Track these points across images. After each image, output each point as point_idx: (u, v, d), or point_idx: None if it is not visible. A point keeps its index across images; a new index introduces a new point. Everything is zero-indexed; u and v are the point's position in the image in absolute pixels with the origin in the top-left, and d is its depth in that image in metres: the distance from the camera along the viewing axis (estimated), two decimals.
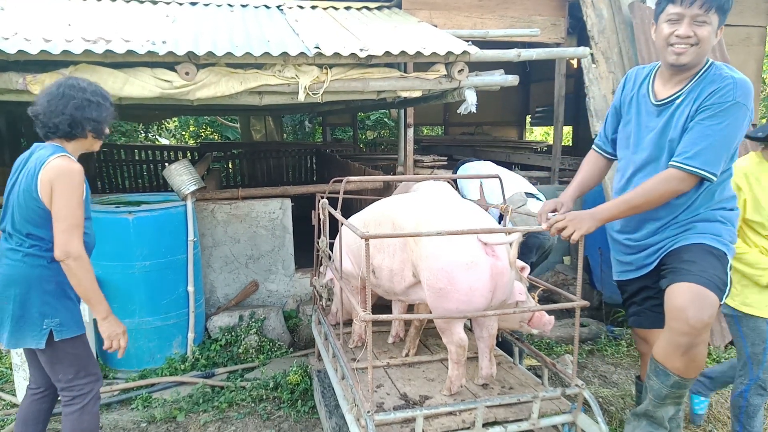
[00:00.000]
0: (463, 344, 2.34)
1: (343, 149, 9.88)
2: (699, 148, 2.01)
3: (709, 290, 1.98)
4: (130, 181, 9.44)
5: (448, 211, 2.32)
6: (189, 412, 3.21)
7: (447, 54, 3.42)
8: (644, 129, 2.26)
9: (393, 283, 2.49)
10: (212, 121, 13.30)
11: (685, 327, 1.96)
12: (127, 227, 3.53)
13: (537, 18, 5.26)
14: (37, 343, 2.21)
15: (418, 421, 2.08)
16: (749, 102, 2.03)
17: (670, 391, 2.08)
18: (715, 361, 3.81)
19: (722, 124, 2.00)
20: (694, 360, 2.00)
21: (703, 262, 2.06)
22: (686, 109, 2.11)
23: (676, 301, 2.00)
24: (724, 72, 2.07)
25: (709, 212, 2.18)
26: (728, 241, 2.16)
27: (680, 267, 2.09)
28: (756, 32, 6.18)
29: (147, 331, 3.64)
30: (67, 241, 2.12)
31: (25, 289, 2.20)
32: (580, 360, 3.91)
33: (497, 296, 2.22)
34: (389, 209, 2.55)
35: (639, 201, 2.08)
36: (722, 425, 3.06)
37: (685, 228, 2.20)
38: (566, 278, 4.88)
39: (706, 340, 2.01)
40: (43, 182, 2.14)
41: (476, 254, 2.14)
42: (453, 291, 2.14)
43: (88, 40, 3.07)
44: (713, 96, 2.03)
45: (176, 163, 3.84)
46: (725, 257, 2.12)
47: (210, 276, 4.35)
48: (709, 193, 2.17)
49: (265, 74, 3.26)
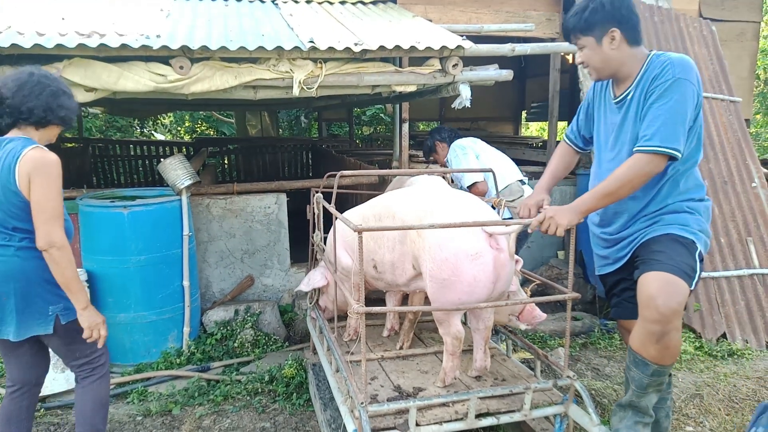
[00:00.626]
0: (460, 336, 2.35)
1: (339, 144, 9.87)
2: (654, 128, 2.07)
3: (678, 277, 2.05)
4: (126, 177, 9.43)
5: (451, 203, 2.32)
6: (184, 406, 3.22)
7: (441, 48, 3.43)
8: (610, 126, 2.35)
9: (395, 275, 2.50)
10: (208, 116, 13.28)
11: (655, 314, 2.02)
12: (122, 222, 3.54)
13: (532, 13, 5.27)
14: (45, 329, 2.25)
15: (411, 413, 2.10)
16: (691, 77, 2.09)
17: (650, 379, 2.14)
18: (707, 354, 3.85)
19: (670, 101, 2.07)
20: (668, 347, 2.06)
21: (670, 251, 2.13)
22: (636, 102, 2.20)
23: (646, 290, 2.07)
24: (662, 57, 2.16)
25: (676, 204, 2.24)
26: (696, 229, 2.22)
27: (650, 258, 2.16)
28: (750, 27, 6.21)
29: (142, 325, 3.64)
30: (49, 231, 2.12)
31: (24, 282, 2.21)
32: (573, 353, 3.94)
33: (498, 288, 2.24)
34: (390, 203, 2.55)
35: (613, 187, 2.11)
36: (713, 416, 3.10)
37: (654, 220, 2.26)
38: (560, 272, 4.90)
39: (678, 327, 2.07)
40: (22, 175, 2.12)
41: (481, 246, 2.14)
42: (457, 282, 2.14)
43: (82, 34, 3.07)
44: (655, 81, 2.12)
45: (171, 157, 3.84)
46: (693, 245, 2.17)
47: (206, 271, 4.36)
48: (673, 182, 2.23)
49: (259, 68, 3.27)
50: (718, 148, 4.83)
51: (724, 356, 3.83)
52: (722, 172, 4.74)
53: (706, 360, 3.79)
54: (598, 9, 2.15)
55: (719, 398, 3.30)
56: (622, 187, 2.10)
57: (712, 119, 4.94)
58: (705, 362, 3.76)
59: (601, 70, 2.25)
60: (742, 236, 4.52)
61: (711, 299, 4.21)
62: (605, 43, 2.18)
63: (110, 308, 3.57)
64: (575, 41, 2.27)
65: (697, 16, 5.79)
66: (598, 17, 2.16)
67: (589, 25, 2.18)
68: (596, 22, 2.16)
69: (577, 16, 2.20)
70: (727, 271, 4.34)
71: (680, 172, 2.21)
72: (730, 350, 3.89)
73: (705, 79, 5.09)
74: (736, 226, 4.55)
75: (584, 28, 2.20)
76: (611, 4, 2.14)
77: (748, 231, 4.55)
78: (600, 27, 2.17)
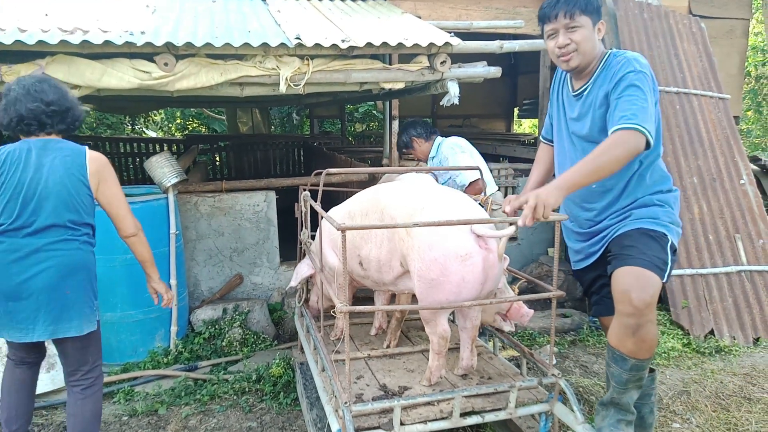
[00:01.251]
0: (446, 335, 2.34)
1: (331, 141, 9.83)
2: (632, 110, 2.06)
3: (650, 271, 2.08)
4: (116, 174, 9.35)
5: (442, 201, 2.29)
6: (171, 405, 3.20)
7: (429, 45, 3.41)
8: (568, 119, 2.39)
9: (381, 273, 2.47)
10: (199, 113, 13.19)
11: (629, 308, 2.05)
12: (108, 220, 3.49)
13: (521, 9, 5.26)
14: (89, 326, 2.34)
15: (395, 412, 2.09)
16: (649, 71, 2.15)
17: (629, 375, 2.15)
18: (695, 351, 3.86)
19: (638, 91, 2.09)
20: (644, 340, 2.09)
21: (641, 245, 2.16)
22: (593, 97, 2.24)
23: (620, 284, 2.10)
24: (620, 56, 2.21)
25: (646, 197, 2.27)
26: (667, 222, 2.24)
27: (621, 253, 2.19)
28: (739, 24, 6.22)
29: (129, 324, 3.62)
30: (134, 219, 2.48)
31: (86, 275, 2.34)
32: (562, 350, 3.94)
33: (486, 288, 2.23)
34: (378, 199, 2.49)
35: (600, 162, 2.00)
36: (700, 413, 3.11)
37: (625, 215, 2.28)
38: (550, 269, 4.90)
39: (652, 319, 2.10)
40: (92, 172, 2.33)
41: (471, 246, 2.13)
42: (446, 282, 2.13)
43: (64, 30, 3.03)
44: (617, 76, 2.15)
45: (157, 155, 3.81)
46: (665, 237, 2.20)
47: (194, 269, 4.33)
48: (640, 176, 2.26)
49: (245, 65, 3.24)
50: (707, 145, 4.84)
51: (711, 353, 3.85)
52: (711, 169, 4.75)
53: (694, 357, 3.81)
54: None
55: (706, 395, 3.31)
56: (609, 162, 2.01)
57: (701, 116, 4.95)
58: (693, 359, 3.78)
59: (586, 55, 2.22)
60: (731, 233, 4.54)
61: (699, 296, 4.22)
62: (596, 31, 2.23)
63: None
64: (567, 19, 2.18)
65: (687, 13, 5.80)
66: (596, 3, 2.20)
67: (592, 8, 2.18)
68: (596, 7, 2.20)
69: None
70: (716, 268, 4.36)
71: (645, 165, 2.25)
72: (718, 347, 3.91)
73: (694, 76, 5.11)
74: (724, 223, 4.57)
75: (585, 8, 2.17)
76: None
77: (736, 228, 4.57)
78: (596, 14, 2.21)
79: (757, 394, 3.32)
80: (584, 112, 2.29)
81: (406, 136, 4.05)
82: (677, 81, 5.00)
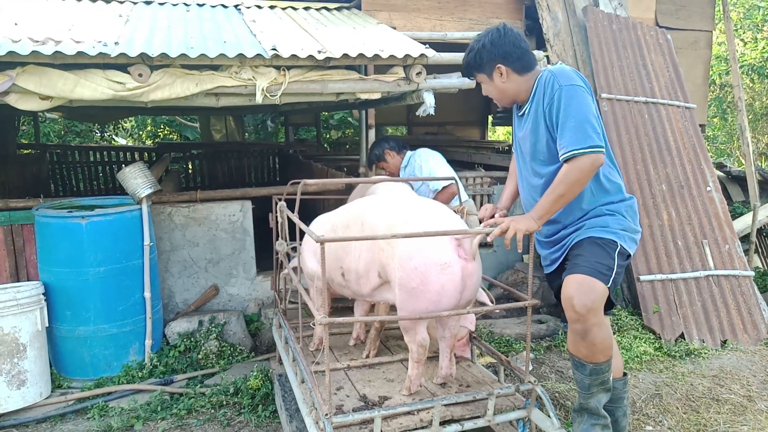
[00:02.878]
0: (425, 344, 2.37)
1: (307, 149, 9.80)
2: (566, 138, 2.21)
3: (592, 277, 2.21)
4: (85, 184, 9.17)
5: (422, 214, 2.35)
6: (147, 420, 3.15)
7: (405, 57, 3.45)
8: (517, 138, 2.56)
9: (360, 285, 2.51)
10: (171, 120, 13.02)
11: (573, 314, 2.20)
12: (80, 232, 3.44)
13: (495, 20, 5.35)
14: None
15: (376, 422, 2.10)
16: (573, 80, 2.26)
17: (590, 379, 2.28)
18: (666, 354, 3.96)
19: (568, 108, 2.22)
20: (594, 344, 2.22)
21: (587, 253, 2.29)
22: (533, 117, 2.38)
23: (564, 292, 2.24)
24: (545, 73, 2.34)
25: (596, 209, 2.40)
26: (618, 229, 2.36)
27: (571, 262, 2.34)
28: (703, 36, 6.43)
29: (102, 338, 3.55)
30: None
31: None
32: (538, 356, 4.00)
33: (465, 297, 2.27)
34: (359, 211, 2.56)
35: (562, 189, 2.22)
36: (671, 415, 3.19)
37: (578, 226, 2.42)
38: (525, 276, 4.97)
39: (598, 323, 2.21)
40: None
41: (450, 256, 2.19)
42: (425, 291, 2.18)
43: (36, 41, 2.98)
44: (545, 96, 2.29)
45: (131, 165, 3.75)
46: (613, 244, 2.32)
47: (168, 281, 4.27)
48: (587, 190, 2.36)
49: (221, 76, 3.23)
50: (674, 153, 4.98)
51: (682, 356, 3.95)
52: (679, 177, 4.89)
53: (665, 360, 3.90)
54: (482, 49, 2.35)
55: (677, 397, 3.40)
56: (571, 188, 2.22)
57: (669, 125, 5.10)
58: (664, 362, 3.87)
59: (501, 100, 2.47)
60: (698, 239, 4.68)
61: (669, 301, 4.33)
62: (495, 77, 2.39)
63: (68, 321, 3.48)
64: (473, 78, 2.50)
65: (654, 24, 5.97)
66: (483, 56, 2.36)
67: (479, 64, 2.39)
68: (483, 60, 2.37)
69: (468, 56, 2.42)
70: (685, 273, 4.48)
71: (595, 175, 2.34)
72: (688, 350, 4.01)
73: (662, 85, 5.25)
74: (692, 229, 4.70)
75: (475, 67, 2.41)
76: (491, 44, 2.34)
77: (704, 234, 4.71)
78: (487, 65, 2.37)
79: (725, 395, 3.43)
80: (528, 130, 2.42)
81: (379, 150, 4.08)
82: (645, 91, 5.14)
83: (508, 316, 4.65)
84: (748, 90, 11.02)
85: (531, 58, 2.39)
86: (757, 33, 11.15)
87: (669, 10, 6.16)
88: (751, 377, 3.67)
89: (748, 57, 10.92)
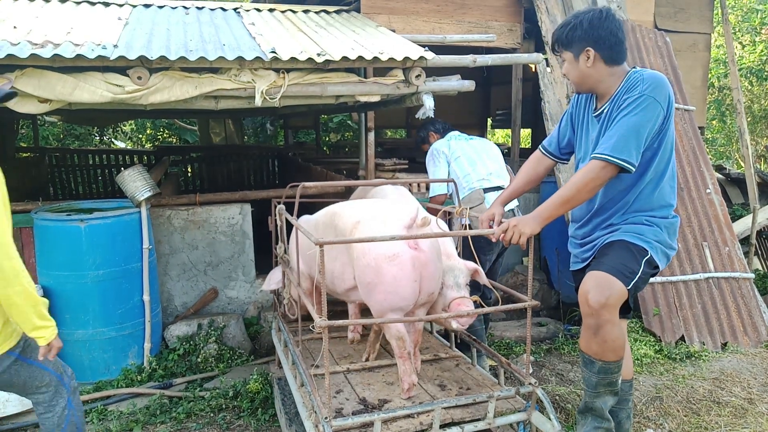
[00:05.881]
0: (401, 335, 2.37)
1: (306, 152, 9.79)
2: (612, 140, 2.17)
3: (612, 276, 2.19)
4: (84, 187, 9.15)
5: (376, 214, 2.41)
6: (146, 424, 3.14)
7: (404, 59, 3.45)
8: (589, 139, 2.44)
9: (335, 285, 2.60)
10: (170, 123, 13.00)
11: (586, 308, 2.19)
12: (79, 235, 3.44)
13: (494, 23, 5.35)
14: None
15: (375, 426, 2.09)
16: (657, 94, 2.18)
17: (598, 378, 2.27)
18: (667, 357, 3.95)
19: (629, 116, 2.17)
20: (605, 341, 2.20)
21: (615, 254, 2.27)
22: (609, 117, 2.30)
23: (583, 287, 2.23)
24: (636, 74, 2.26)
25: (637, 217, 2.36)
26: (652, 239, 2.32)
27: (597, 260, 2.33)
28: (702, 39, 6.44)
29: (101, 342, 3.54)
30: None
31: None
32: (538, 359, 3.99)
33: (425, 287, 2.32)
34: (332, 214, 2.65)
35: (570, 193, 2.20)
36: (672, 418, 3.18)
37: (614, 229, 2.38)
38: (525, 279, 4.96)
39: (611, 320, 2.19)
40: None
41: (398, 247, 2.26)
42: (379, 283, 2.27)
43: (35, 44, 2.98)
44: (625, 95, 2.23)
45: (130, 168, 3.75)
46: (643, 251, 2.29)
47: (167, 284, 4.26)
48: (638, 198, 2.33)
49: (220, 78, 3.23)
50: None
51: (682, 358, 3.94)
52: (679, 179, 4.88)
53: (666, 363, 3.90)
54: (577, 27, 2.27)
55: (678, 400, 3.39)
56: (580, 192, 2.19)
57: None
58: (665, 365, 3.86)
59: (579, 85, 2.39)
60: (698, 241, 4.67)
61: (670, 303, 4.33)
62: (582, 60, 2.30)
63: (68, 325, 3.47)
64: (558, 54, 2.40)
65: (653, 27, 5.98)
66: (576, 35, 2.28)
67: (569, 41, 2.31)
68: (574, 39, 2.29)
69: (560, 30, 2.33)
70: (685, 275, 4.47)
71: (644, 187, 2.31)
72: (688, 352, 4.01)
73: None
74: (692, 231, 4.70)
75: (565, 43, 2.33)
76: (589, 24, 2.25)
77: (704, 236, 4.70)
78: (577, 44, 2.29)
79: (726, 397, 3.42)
80: (600, 132, 2.33)
81: (425, 131, 4.07)
82: None
83: (508, 318, 4.64)
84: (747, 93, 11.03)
85: (623, 51, 2.30)
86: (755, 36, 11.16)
87: (668, 12, 6.17)
88: (751, 380, 3.67)
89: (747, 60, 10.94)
